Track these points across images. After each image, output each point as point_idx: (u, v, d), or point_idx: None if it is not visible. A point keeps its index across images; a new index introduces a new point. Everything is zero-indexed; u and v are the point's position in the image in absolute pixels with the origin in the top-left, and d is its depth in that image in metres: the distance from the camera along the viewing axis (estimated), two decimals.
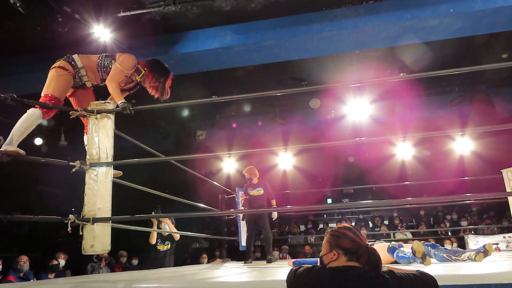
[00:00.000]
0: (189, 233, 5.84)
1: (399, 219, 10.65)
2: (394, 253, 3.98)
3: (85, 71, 3.24)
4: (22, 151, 2.81)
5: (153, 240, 5.95)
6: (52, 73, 3.14)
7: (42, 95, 3.07)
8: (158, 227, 5.98)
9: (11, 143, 2.81)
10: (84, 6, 5.46)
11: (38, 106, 2.97)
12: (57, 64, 3.17)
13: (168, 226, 5.96)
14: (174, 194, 4.50)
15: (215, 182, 7.02)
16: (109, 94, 3.21)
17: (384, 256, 3.93)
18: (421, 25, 5.73)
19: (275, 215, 5.93)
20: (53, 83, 3.09)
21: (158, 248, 6.00)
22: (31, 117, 2.92)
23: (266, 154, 9.77)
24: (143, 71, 3.31)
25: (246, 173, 5.96)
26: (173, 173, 7.87)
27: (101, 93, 3.36)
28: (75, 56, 3.23)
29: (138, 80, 3.36)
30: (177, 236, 6.04)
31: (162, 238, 6.04)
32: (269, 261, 5.53)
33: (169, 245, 6.04)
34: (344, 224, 1.72)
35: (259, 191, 5.81)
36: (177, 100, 3.67)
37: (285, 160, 9.93)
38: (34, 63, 6.58)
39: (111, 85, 3.15)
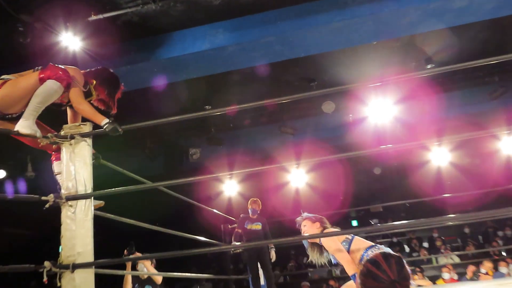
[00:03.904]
0: (186, 274, 5.78)
1: (441, 239, 10.56)
2: None
3: None
4: (39, 133, 2.86)
5: (128, 285, 5.84)
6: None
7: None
8: (134, 269, 5.89)
9: (27, 124, 2.83)
10: (48, 12, 5.55)
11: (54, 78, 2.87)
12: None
13: (145, 266, 5.87)
14: (165, 226, 4.50)
15: (214, 210, 7.01)
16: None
17: None
18: (448, 7, 5.77)
19: (273, 256, 6.46)
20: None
21: None
22: (51, 89, 2.87)
23: (275, 171, 9.76)
24: (93, 89, 3.20)
25: (250, 205, 6.47)
26: (163, 201, 7.87)
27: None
28: None
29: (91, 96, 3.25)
30: (158, 279, 5.95)
31: (140, 282, 5.94)
32: None
33: None
34: (377, 252, 1.76)
35: (258, 225, 6.44)
36: (163, 114, 3.70)
37: (298, 177, 9.93)
38: None
39: (83, 107, 3.05)
